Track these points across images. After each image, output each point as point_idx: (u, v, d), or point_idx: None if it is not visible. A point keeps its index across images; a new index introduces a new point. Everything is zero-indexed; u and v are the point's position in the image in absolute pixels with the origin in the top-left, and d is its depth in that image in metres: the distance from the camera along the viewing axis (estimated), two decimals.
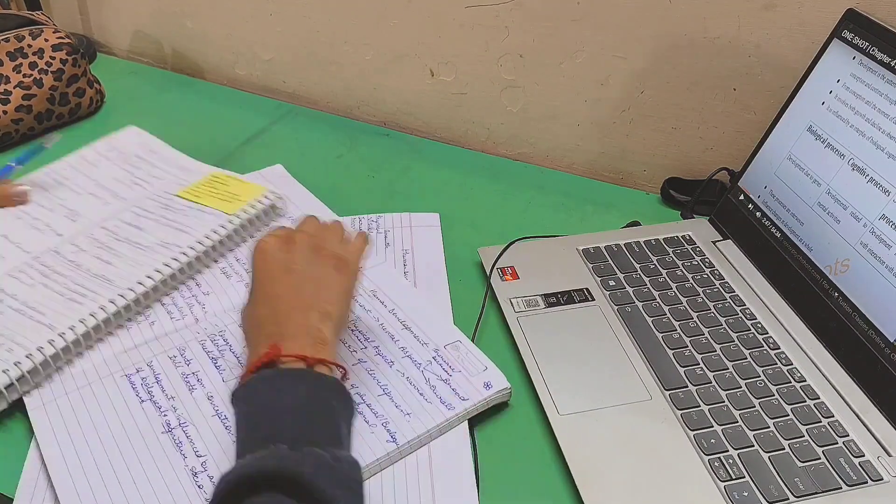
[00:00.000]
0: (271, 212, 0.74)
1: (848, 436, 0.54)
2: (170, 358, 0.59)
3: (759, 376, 0.58)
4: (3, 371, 0.55)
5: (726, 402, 0.56)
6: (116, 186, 0.76)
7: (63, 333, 0.58)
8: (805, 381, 0.58)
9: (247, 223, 0.72)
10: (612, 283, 0.67)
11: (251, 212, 0.72)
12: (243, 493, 0.39)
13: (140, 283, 0.63)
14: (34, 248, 0.67)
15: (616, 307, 0.65)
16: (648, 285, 0.67)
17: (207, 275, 0.68)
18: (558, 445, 0.54)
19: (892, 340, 0.56)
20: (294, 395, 0.45)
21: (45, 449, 0.52)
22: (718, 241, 0.72)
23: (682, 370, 0.59)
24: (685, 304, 0.65)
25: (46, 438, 0.53)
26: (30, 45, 0.86)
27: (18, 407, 0.56)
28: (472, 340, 0.62)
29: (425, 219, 0.75)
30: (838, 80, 0.64)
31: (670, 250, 0.71)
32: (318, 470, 0.40)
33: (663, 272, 0.68)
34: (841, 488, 0.51)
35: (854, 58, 0.63)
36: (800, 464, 0.52)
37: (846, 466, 0.52)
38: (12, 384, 0.55)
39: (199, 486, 0.50)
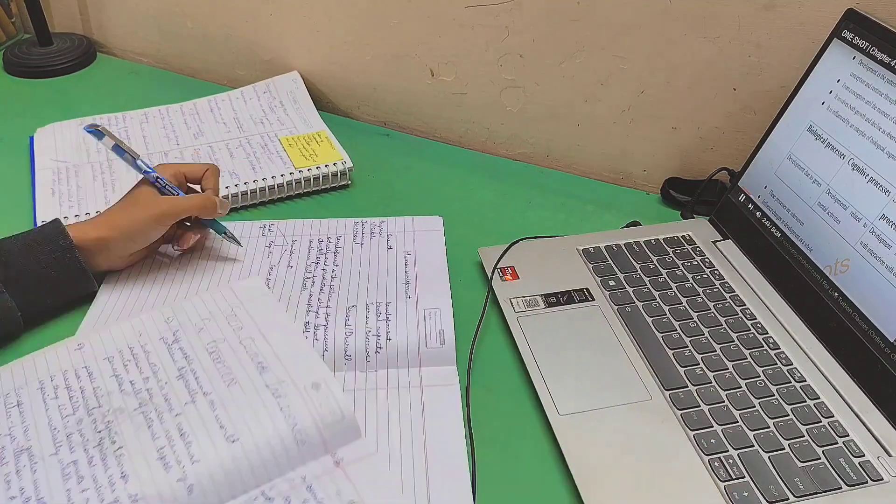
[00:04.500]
0: (334, 177, 0.81)
1: (848, 436, 0.54)
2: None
3: (759, 376, 0.58)
4: None
5: (726, 402, 0.56)
6: (245, 120, 0.90)
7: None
8: (805, 381, 0.58)
9: (303, 180, 0.80)
10: (612, 283, 0.67)
11: (315, 172, 0.80)
12: None
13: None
14: (154, 147, 0.85)
15: (616, 307, 0.65)
16: (648, 285, 0.67)
17: None
18: (558, 445, 0.54)
19: (892, 340, 0.56)
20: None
21: None
22: (718, 241, 0.72)
23: (682, 370, 0.59)
24: (685, 304, 0.65)
25: None
26: None
27: None
28: (473, 341, 0.62)
29: (428, 222, 0.75)
30: (838, 80, 0.64)
31: (670, 250, 0.71)
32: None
33: (663, 272, 0.68)
34: (841, 488, 0.51)
35: (854, 58, 0.63)
36: (800, 464, 0.52)
37: (846, 466, 0.52)
38: None
39: None
